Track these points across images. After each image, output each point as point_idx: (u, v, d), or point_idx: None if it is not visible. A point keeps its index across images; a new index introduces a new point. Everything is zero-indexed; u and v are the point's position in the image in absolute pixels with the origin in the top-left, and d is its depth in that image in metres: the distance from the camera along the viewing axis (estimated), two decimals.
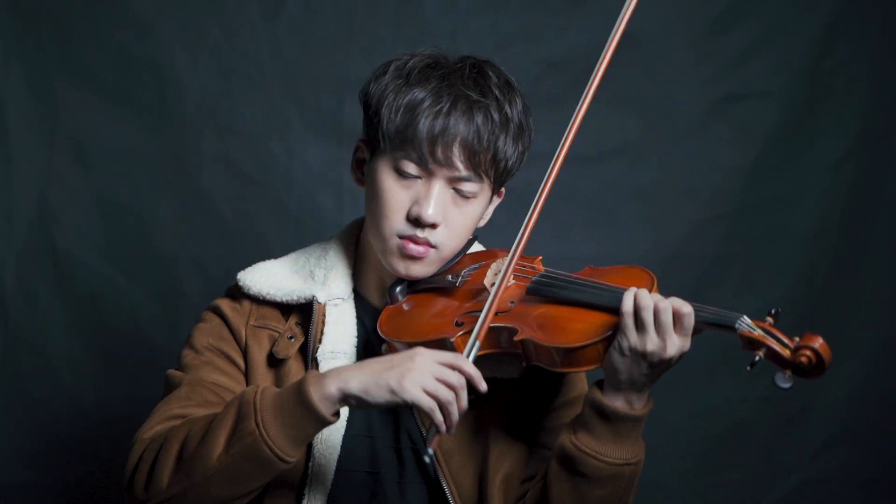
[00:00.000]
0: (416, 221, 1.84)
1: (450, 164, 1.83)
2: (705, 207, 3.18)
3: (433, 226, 1.84)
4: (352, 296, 1.96)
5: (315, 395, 1.66)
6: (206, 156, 3.02)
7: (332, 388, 1.65)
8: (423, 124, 1.81)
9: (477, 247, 2.03)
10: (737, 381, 3.13)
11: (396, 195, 1.85)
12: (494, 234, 2.10)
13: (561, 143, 1.86)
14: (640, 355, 1.69)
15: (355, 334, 1.93)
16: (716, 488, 3.19)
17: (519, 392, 1.91)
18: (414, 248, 1.85)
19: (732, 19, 3.16)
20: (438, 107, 1.81)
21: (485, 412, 1.89)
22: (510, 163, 1.89)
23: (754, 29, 3.17)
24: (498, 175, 1.89)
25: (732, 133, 3.18)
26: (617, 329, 1.71)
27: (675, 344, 1.69)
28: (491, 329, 1.77)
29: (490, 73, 1.89)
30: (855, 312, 3.21)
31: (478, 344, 1.72)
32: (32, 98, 2.96)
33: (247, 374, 1.93)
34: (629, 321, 1.69)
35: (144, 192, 3.01)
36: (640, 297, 1.70)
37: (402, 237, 1.85)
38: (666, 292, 1.87)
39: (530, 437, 1.94)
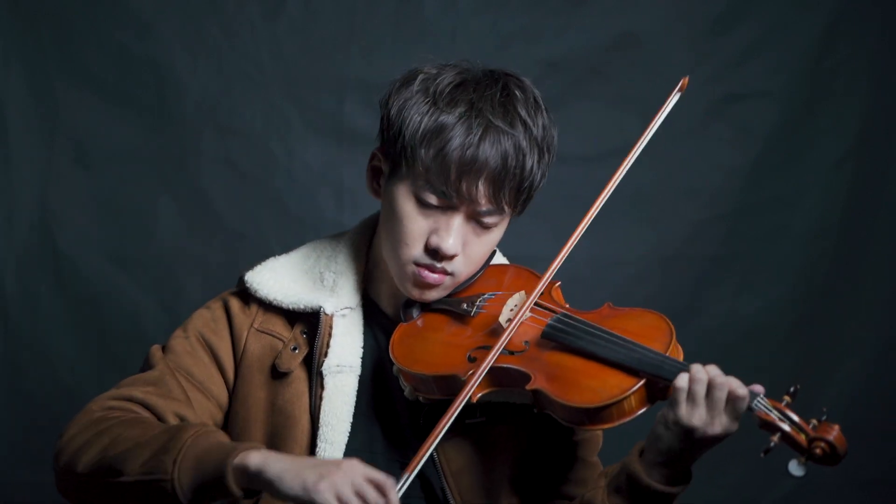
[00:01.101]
0: (434, 252, 1.77)
1: (473, 200, 1.76)
2: (705, 207, 3.18)
3: (451, 257, 1.79)
4: (360, 304, 1.90)
5: (233, 462, 1.60)
6: (206, 156, 3.02)
7: (252, 462, 1.59)
8: (450, 157, 1.73)
9: (499, 258, 1.97)
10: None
11: (415, 223, 1.78)
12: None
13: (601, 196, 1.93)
14: (686, 430, 1.64)
15: (361, 345, 1.87)
16: (716, 488, 3.19)
17: (531, 417, 1.85)
18: (430, 275, 1.79)
19: (732, 19, 3.16)
20: (466, 139, 1.74)
21: (495, 434, 1.86)
22: (534, 188, 1.82)
23: (754, 29, 3.17)
24: (521, 203, 1.83)
25: (732, 133, 3.18)
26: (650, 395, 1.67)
27: (723, 423, 1.65)
28: (504, 369, 1.72)
29: (517, 94, 1.81)
30: (855, 312, 3.21)
31: (410, 478, 1.64)
32: (32, 98, 2.96)
33: (238, 379, 1.88)
34: (681, 396, 1.64)
35: (144, 192, 3.01)
36: (695, 371, 1.65)
37: (418, 265, 1.79)
38: (666, 292, 1.89)
39: (542, 466, 1.91)
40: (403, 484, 1.64)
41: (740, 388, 1.63)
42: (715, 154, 3.17)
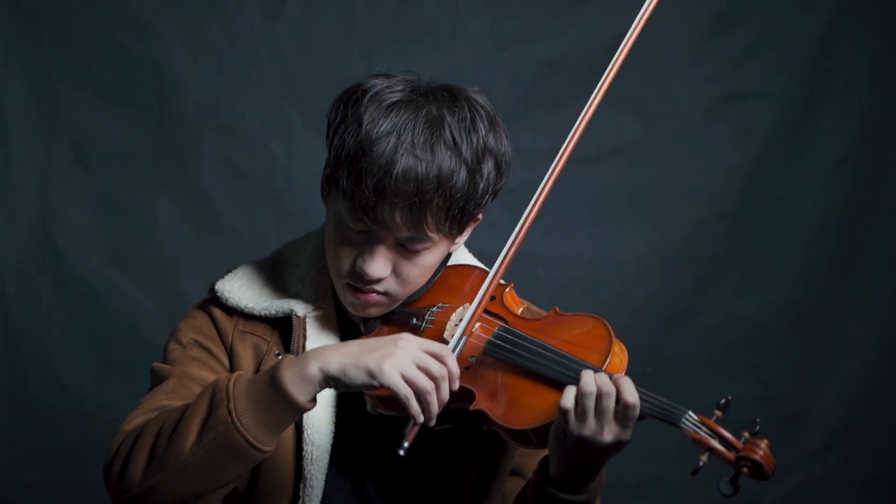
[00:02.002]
0: (358, 276, 1.74)
1: (393, 228, 1.70)
2: (705, 207, 3.18)
3: (377, 280, 1.74)
4: (332, 303, 1.86)
5: (289, 378, 1.59)
6: (206, 156, 3.02)
7: (314, 367, 1.59)
8: (366, 186, 1.68)
9: (464, 256, 1.93)
10: (737, 380, 3.13)
11: (342, 245, 1.75)
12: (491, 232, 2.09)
13: (546, 176, 1.79)
14: (576, 441, 1.59)
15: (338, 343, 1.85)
16: (716, 488, 3.18)
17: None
18: (362, 296, 1.76)
19: (732, 19, 3.16)
20: (384, 167, 1.67)
21: (463, 439, 1.85)
22: (467, 212, 1.73)
23: (754, 29, 3.17)
24: (454, 227, 1.75)
25: (732, 133, 3.18)
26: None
27: (613, 431, 1.59)
28: None
29: (450, 116, 1.72)
30: (855, 312, 3.21)
31: (464, 339, 1.66)
32: (32, 98, 2.96)
33: None
34: (570, 416, 1.58)
35: (144, 192, 3.01)
36: (584, 383, 1.58)
37: (349, 284, 1.76)
38: (666, 292, 1.88)
39: (504, 469, 1.88)
40: (456, 346, 1.65)
41: (630, 395, 1.56)
42: (715, 154, 3.17)
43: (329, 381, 1.60)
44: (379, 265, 1.72)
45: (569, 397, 1.58)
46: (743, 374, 3.15)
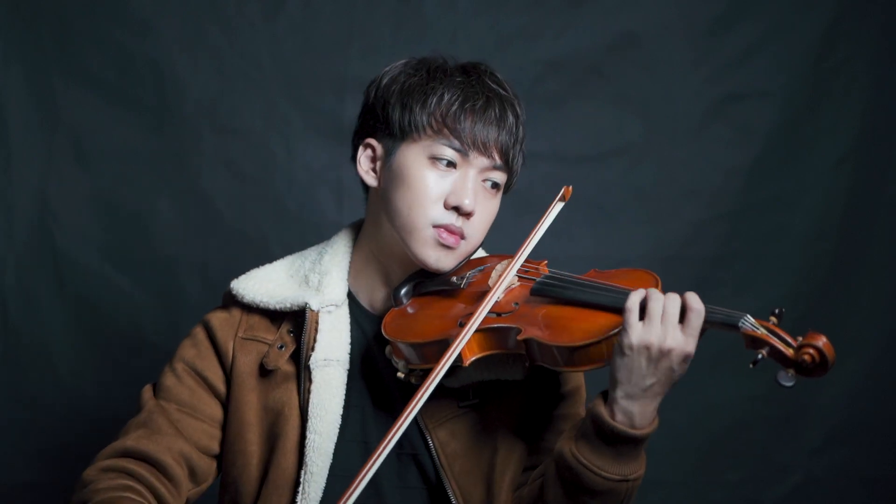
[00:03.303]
0: (454, 210, 1.85)
1: (489, 154, 1.86)
2: (705, 207, 3.18)
3: (468, 215, 1.86)
4: (346, 301, 1.95)
5: None
6: (206, 156, 3.02)
7: None
8: (465, 114, 1.84)
9: (480, 252, 2.03)
10: (737, 379, 3.13)
11: (433, 185, 1.85)
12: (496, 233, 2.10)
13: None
14: (642, 349, 1.65)
15: (349, 340, 1.92)
16: (716, 488, 3.19)
17: (522, 393, 1.91)
18: (448, 237, 1.85)
19: (732, 19, 3.16)
20: (476, 99, 1.86)
21: (490, 415, 1.88)
22: (519, 165, 1.93)
23: (754, 29, 3.17)
24: (515, 171, 1.92)
25: (732, 133, 3.18)
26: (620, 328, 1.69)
27: (677, 339, 1.66)
28: (494, 330, 1.77)
29: (498, 76, 1.93)
30: (855, 312, 3.21)
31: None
32: (32, 98, 2.96)
33: (231, 389, 1.93)
34: (632, 317, 1.66)
35: (144, 192, 3.01)
36: (650, 291, 1.69)
37: (437, 226, 1.85)
38: (666, 292, 1.89)
39: (533, 434, 1.93)
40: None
41: (696, 302, 1.67)
42: (715, 154, 3.17)
43: None
44: (472, 196, 1.85)
45: (633, 299, 1.68)
46: (743, 374, 3.14)
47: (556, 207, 1.91)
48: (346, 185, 3.03)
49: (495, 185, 1.89)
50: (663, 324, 1.66)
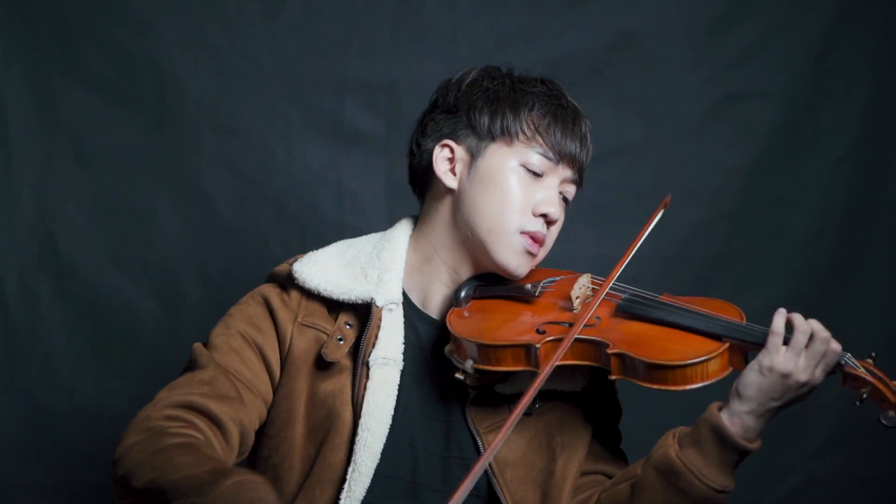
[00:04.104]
0: (541, 218, 1.89)
1: (573, 166, 1.92)
2: (705, 207, 3.18)
3: (553, 223, 1.91)
4: (402, 304, 1.95)
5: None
6: (206, 156, 3.02)
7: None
8: (559, 125, 1.90)
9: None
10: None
11: (525, 191, 1.88)
12: None
13: None
14: (780, 376, 1.72)
15: (403, 341, 1.91)
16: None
17: (579, 402, 1.92)
18: (533, 245, 1.89)
19: (732, 19, 3.16)
20: (563, 112, 1.91)
21: (545, 421, 1.88)
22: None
23: (754, 29, 3.17)
24: (583, 176, 2.00)
25: (732, 133, 3.17)
26: (735, 351, 1.76)
27: (815, 375, 1.74)
28: (583, 341, 1.78)
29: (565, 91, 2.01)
30: (855, 312, 3.21)
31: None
32: (32, 98, 2.96)
33: (284, 375, 1.90)
34: (777, 340, 1.73)
35: (144, 192, 3.01)
36: (797, 319, 1.75)
37: (524, 232, 1.88)
38: (667, 292, 1.90)
39: (594, 442, 1.95)
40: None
41: (835, 344, 1.75)
42: (715, 154, 3.17)
43: None
44: (557, 201, 1.91)
45: (779, 323, 1.75)
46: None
47: (658, 216, 1.96)
48: (346, 185, 3.03)
49: (566, 199, 1.95)
50: (807, 358, 1.74)
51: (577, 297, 1.86)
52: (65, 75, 2.96)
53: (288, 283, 1.95)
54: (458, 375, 1.84)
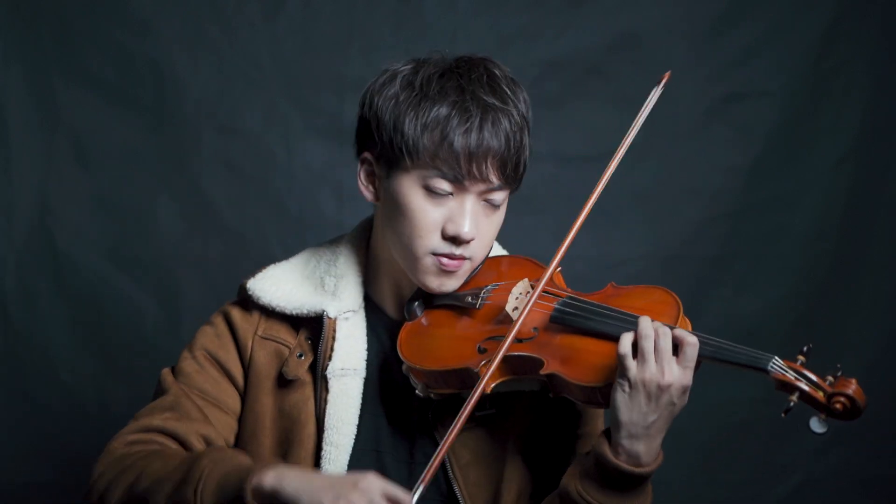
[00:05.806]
0: (452, 239, 1.79)
1: (485, 179, 1.78)
2: (705, 207, 3.18)
3: (469, 241, 1.80)
4: (363, 306, 1.91)
5: (251, 484, 1.61)
6: (206, 156, 3.02)
7: (267, 482, 1.60)
8: (457, 142, 1.75)
9: (497, 249, 1.99)
10: (737, 380, 3.12)
11: (429, 214, 1.79)
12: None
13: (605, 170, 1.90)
14: (642, 386, 1.64)
15: (365, 348, 1.88)
16: (716, 488, 3.19)
17: (537, 405, 1.87)
18: (450, 263, 1.80)
19: (732, 19, 3.16)
20: (468, 123, 1.76)
21: (502, 425, 1.86)
22: (527, 162, 1.86)
23: (754, 29, 3.17)
24: (520, 177, 1.85)
25: (732, 133, 3.17)
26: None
27: (675, 372, 1.64)
28: (517, 357, 1.73)
29: (497, 73, 1.84)
30: (855, 312, 3.21)
31: (421, 489, 1.63)
32: (32, 98, 2.96)
33: (247, 387, 1.89)
34: (627, 361, 1.64)
35: (144, 192, 3.01)
36: (641, 327, 1.65)
37: (436, 254, 1.80)
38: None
39: (544, 457, 1.91)
40: (417, 489, 1.64)
41: (688, 336, 1.64)
42: (715, 154, 3.17)
43: (279, 501, 1.59)
44: (471, 223, 1.78)
45: (625, 343, 1.64)
46: (743, 374, 3.14)
47: (655, 95, 1.88)
48: (346, 185, 3.03)
49: (496, 204, 1.83)
50: (658, 360, 1.64)
51: (514, 309, 1.79)
52: (65, 75, 2.96)
53: (247, 299, 1.93)
54: (419, 393, 1.82)
